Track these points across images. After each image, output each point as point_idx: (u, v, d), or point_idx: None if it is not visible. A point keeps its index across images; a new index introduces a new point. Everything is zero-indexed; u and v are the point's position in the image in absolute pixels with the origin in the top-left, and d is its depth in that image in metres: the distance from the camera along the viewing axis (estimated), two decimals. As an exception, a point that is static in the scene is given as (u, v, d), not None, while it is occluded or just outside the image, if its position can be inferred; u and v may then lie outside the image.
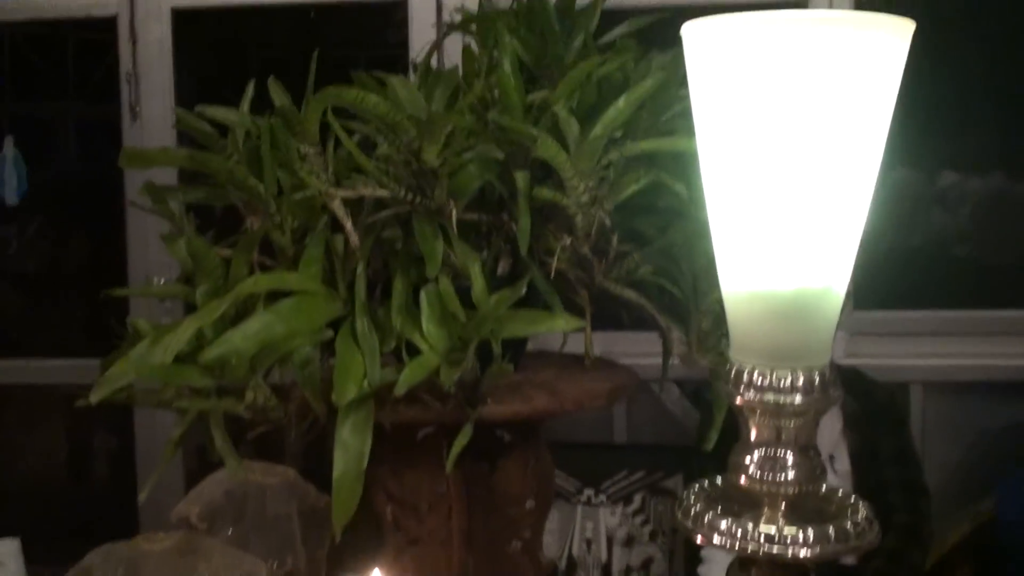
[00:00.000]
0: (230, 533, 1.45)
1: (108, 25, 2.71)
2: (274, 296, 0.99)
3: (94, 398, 0.95)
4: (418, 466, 1.11)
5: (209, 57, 3.45)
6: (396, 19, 2.81)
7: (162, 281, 2.62)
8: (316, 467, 1.65)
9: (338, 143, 1.03)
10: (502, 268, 1.08)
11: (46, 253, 3.66)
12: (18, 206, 2.90)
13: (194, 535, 1.25)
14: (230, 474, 1.00)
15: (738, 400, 0.61)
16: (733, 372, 0.61)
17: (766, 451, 0.62)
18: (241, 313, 0.99)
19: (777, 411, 0.60)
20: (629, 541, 2.13)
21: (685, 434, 2.18)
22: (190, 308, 1.12)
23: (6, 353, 3.10)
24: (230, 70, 3.73)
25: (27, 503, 3.43)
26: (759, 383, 0.60)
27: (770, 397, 0.60)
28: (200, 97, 2.85)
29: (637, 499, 2.13)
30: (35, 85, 4.05)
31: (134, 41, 2.67)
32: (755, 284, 0.60)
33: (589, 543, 2.13)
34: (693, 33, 0.62)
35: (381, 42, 3.14)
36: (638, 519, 2.13)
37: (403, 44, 2.66)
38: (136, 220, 2.66)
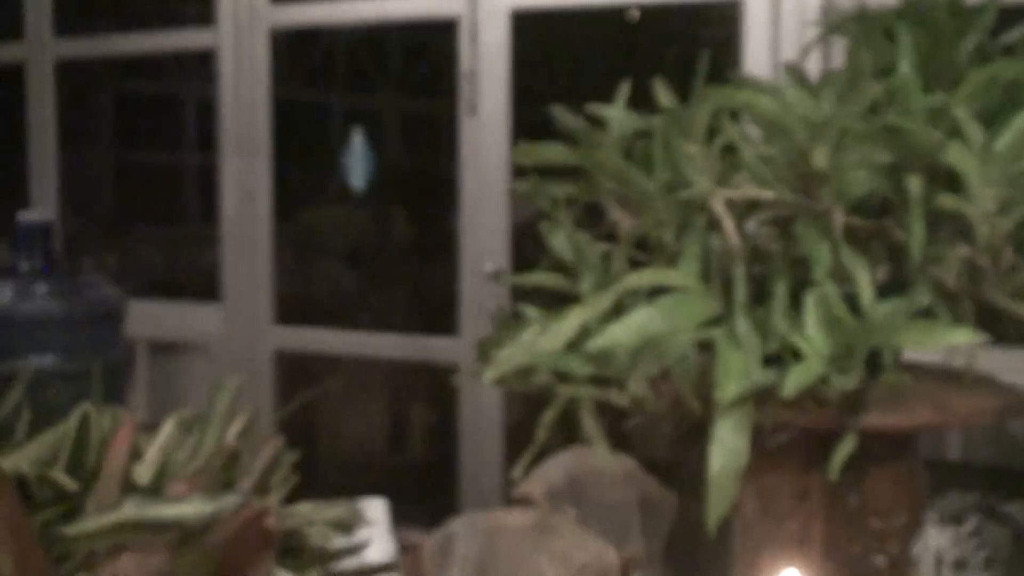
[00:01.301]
0: (571, 516, 1.50)
1: (447, 25, 2.87)
2: (651, 292, 1.02)
3: (489, 377, 1.02)
4: (778, 469, 1.11)
5: (533, 52, 3.56)
6: (717, 18, 2.80)
7: (491, 267, 2.75)
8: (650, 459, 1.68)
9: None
10: (880, 276, 1.06)
11: (382, 236, 3.93)
12: (361, 191, 3.13)
13: (548, 513, 1.30)
14: (602, 460, 1.04)
15: None
16: None
17: None
18: (618, 307, 1.03)
19: None
20: (960, 565, 2.02)
21: (1028, 458, 2.04)
22: (517, 294, 1.16)
23: (339, 324, 3.35)
24: (549, 65, 3.85)
25: (347, 470, 3.71)
26: None
27: None
28: (527, 92, 2.95)
29: (971, 521, 2.02)
30: (376, 80, 4.35)
31: (474, 42, 2.80)
32: None
33: (915, 562, 2.04)
34: None
35: (699, 40, 3.14)
36: (971, 543, 2.01)
37: (724, 42, 2.65)
38: (470, 208, 2.80)
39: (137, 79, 5.76)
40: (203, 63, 5.70)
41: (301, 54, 4.00)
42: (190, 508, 0.93)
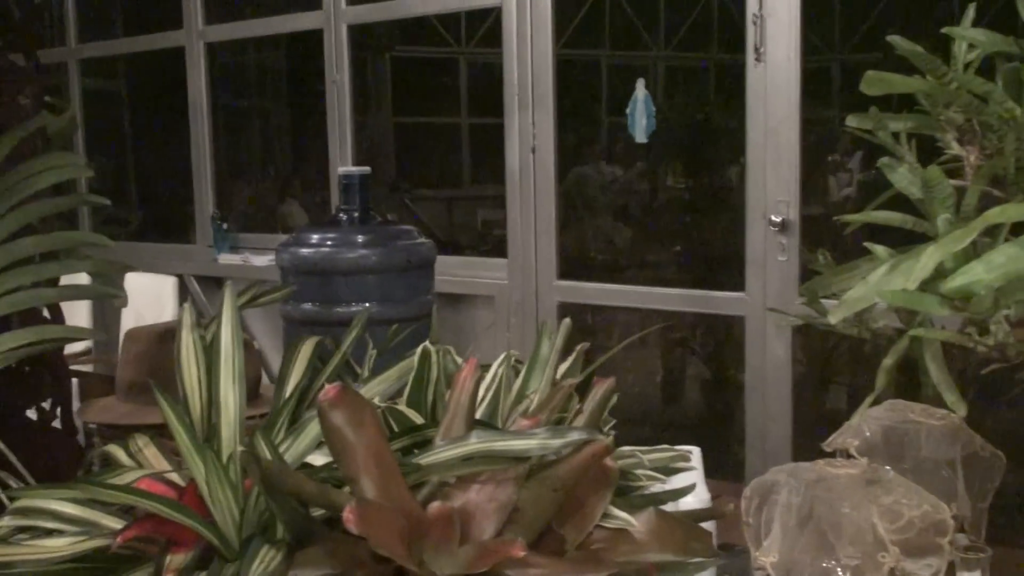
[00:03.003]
0: (889, 471, 1.44)
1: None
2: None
3: (834, 318, 0.98)
4: None
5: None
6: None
7: (774, 218, 2.66)
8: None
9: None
10: None
11: (659, 189, 3.91)
12: (643, 144, 3.10)
13: (875, 466, 1.25)
14: (954, 409, 0.98)
15: None
16: None
17: None
18: (976, 245, 0.96)
19: None
20: None
21: None
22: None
23: (611, 279, 3.37)
24: (838, 8, 3.68)
25: (623, 419, 3.74)
26: None
27: None
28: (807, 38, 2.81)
29: None
30: (649, 32, 4.30)
31: (761, -18, 2.71)
32: None
33: None
34: None
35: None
36: None
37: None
38: (756, 159, 2.73)
39: (412, 44, 5.99)
40: (474, 25, 5.85)
41: (575, 9, 4.01)
42: (535, 443, 0.95)
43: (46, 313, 1.36)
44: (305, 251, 1.77)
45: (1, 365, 1.22)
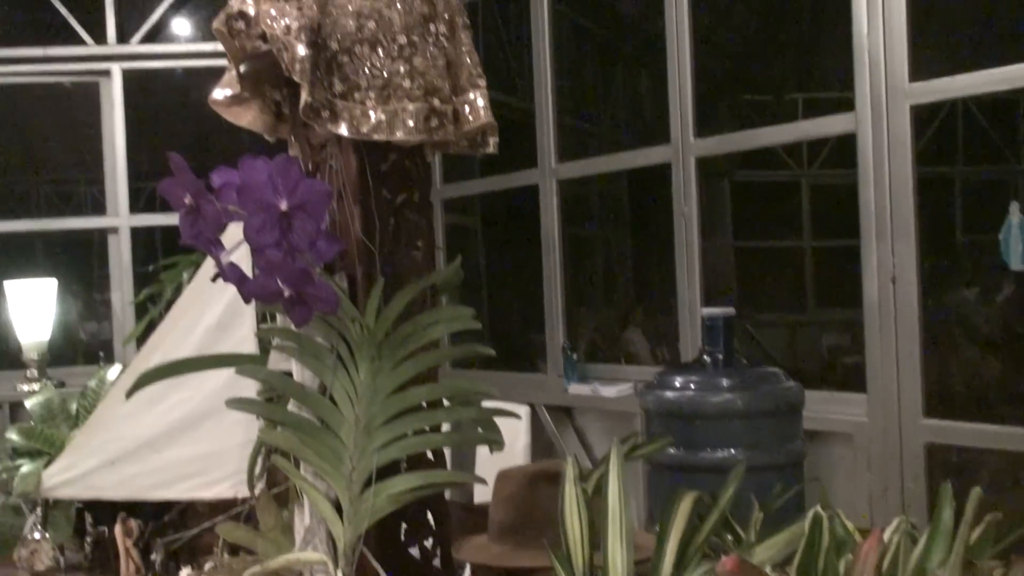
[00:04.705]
0: None
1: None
2: None
3: None
4: None
5: None
6: None
7: None
8: None
9: None
10: None
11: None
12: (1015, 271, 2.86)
13: None
14: None
15: None
16: None
17: None
18: None
19: None
20: None
21: None
22: None
23: (979, 417, 3.08)
24: None
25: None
26: None
27: None
28: None
29: None
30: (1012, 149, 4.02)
31: None
32: None
33: None
34: None
35: None
36: None
37: None
38: None
39: (752, 168, 5.96)
40: (815, 146, 5.74)
41: (925, 126, 3.83)
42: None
43: (429, 455, 1.43)
44: (669, 394, 1.76)
45: (393, 507, 1.28)
